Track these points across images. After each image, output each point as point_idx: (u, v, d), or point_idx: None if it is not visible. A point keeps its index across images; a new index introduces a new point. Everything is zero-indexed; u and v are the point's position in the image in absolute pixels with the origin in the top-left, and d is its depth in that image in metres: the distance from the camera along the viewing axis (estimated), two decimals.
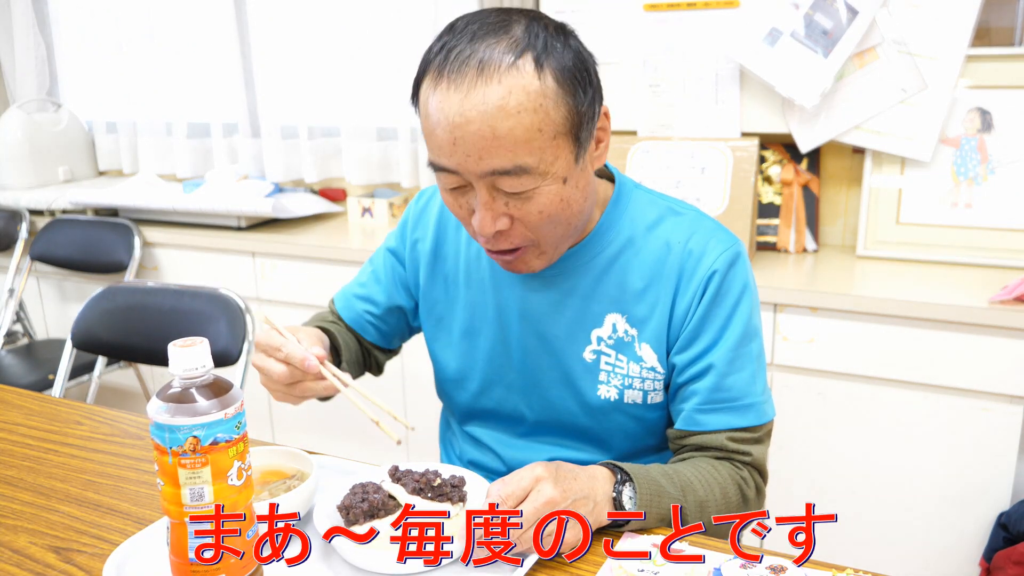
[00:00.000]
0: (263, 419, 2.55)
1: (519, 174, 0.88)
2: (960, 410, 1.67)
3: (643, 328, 1.03)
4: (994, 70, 1.84)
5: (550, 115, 0.87)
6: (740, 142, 1.99)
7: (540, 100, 0.86)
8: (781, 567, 0.81)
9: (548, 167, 0.89)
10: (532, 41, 0.87)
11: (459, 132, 0.86)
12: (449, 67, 0.87)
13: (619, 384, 1.05)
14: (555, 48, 0.88)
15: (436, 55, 0.89)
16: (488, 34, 0.87)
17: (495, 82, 0.85)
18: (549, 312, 1.06)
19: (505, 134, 0.86)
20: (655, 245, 1.03)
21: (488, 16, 0.90)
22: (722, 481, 0.99)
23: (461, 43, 0.87)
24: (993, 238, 1.86)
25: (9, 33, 3.17)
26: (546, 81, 0.86)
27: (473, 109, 0.85)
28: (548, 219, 0.93)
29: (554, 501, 0.83)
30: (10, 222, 2.79)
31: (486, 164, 0.87)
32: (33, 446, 1.17)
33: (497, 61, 0.85)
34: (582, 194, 0.95)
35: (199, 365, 0.73)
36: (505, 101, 0.85)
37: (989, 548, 1.68)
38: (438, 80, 0.88)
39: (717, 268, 1.00)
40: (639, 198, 1.06)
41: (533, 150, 0.87)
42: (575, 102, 0.89)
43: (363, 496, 0.88)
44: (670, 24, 2.07)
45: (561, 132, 0.89)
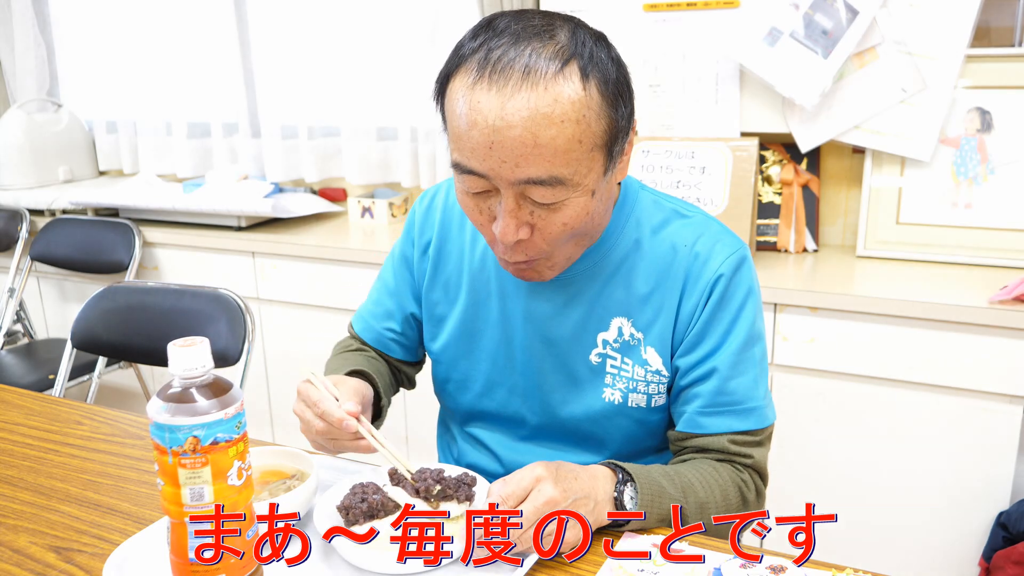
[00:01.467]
0: (263, 419, 2.55)
1: (553, 184, 0.86)
2: (960, 410, 1.67)
3: (649, 331, 1.02)
4: (994, 70, 1.84)
5: (591, 127, 0.85)
6: (740, 142, 1.99)
7: (584, 111, 0.84)
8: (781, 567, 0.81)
9: (581, 179, 0.87)
10: (579, 49, 0.85)
11: (498, 136, 0.83)
12: (492, 67, 0.83)
13: (624, 388, 1.04)
14: (600, 58, 0.86)
15: (474, 53, 0.85)
16: (533, 37, 0.84)
17: (541, 88, 0.82)
18: (555, 315, 1.05)
19: (547, 143, 0.83)
20: (661, 248, 1.02)
21: (531, 18, 0.87)
22: (723, 483, 0.99)
23: (503, 43, 0.84)
24: (993, 238, 1.86)
25: (9, 33, 3.17)
26: (591, 92, 0.84)
27: (516, 114, 0.82)
28: (570, 231, 0.91)
29: (554, 501, 0.83)
30: (10, 222, 2.79)
31: (522, 172, 0.85)
32: (33, 446, 1.17)
33: (544, 67, 0.83)
34: (604, 207, 0.95)
35: (199, 365, 0.73)
36: (551, 109, 0.82)
37: (989, 548, 1.68)
38: (478, 79, 0.84)
39: (723, 272, 1.00)
40: (645, 200, 1.05)
41: (570, 161, 0.85)
42: (616, 115, 0.87)
43: (363, 496, 0.89)
44: (670, 24, 2.07)
45: (598, 145, 0.87)
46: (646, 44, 2.11)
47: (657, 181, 2.04)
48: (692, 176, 2.02)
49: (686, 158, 2.03)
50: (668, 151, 2.06)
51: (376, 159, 2.62)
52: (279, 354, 2.47)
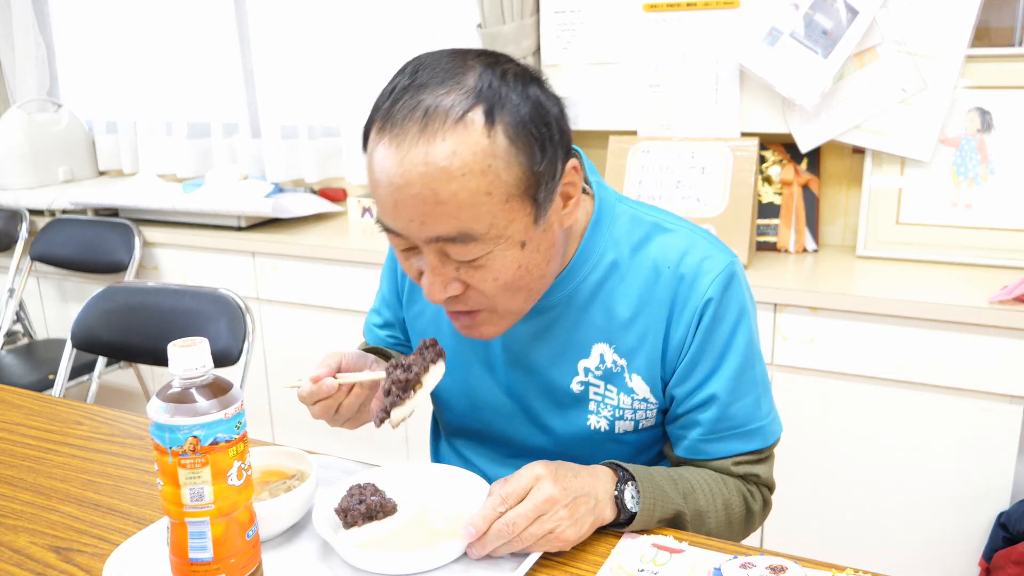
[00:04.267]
0: (263, 419, 2.55)
1: (466, 241, 0.80)
2: (960, 410, 1.67)
3: (633, 358, 0.97)
4: (994, 70, 1.84)
5: (500, 177, 0.78)
6: (740, 142, 1.99)
7: (489, 160, 0.77)
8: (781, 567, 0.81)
9: (501, 232, 0.81)
10: (484, 92, 0.78)
11: (400, 195, 0.78)
12: (392, 118, 0.79)
13: (609, 415, 1.00)
14: (510, 99, 0.79)
15: (384, 102, 0.81)
16: (438, 82, 0.79)
17: (439, 139, 0.76)
18: (533, 343, 0.99)
19: (448, 198, 0.77)
20: (642, 268, 0.96)
21: (442, 60, 0.81)
22: (726, 494, 0.98)
23: (409, 90, 0.79)
24: (993, 238, 1.86)
25: (9, 33, 3.17)
26: (496, 139, 0.78)
27: (413, 170, 0.77)
28: (505, 287, 0.85)
29: (554, 499, 0.83)
30: (10, 222, 2.79)
31: (429, 230, 0.80)
32: (33, 446, 1.17)
33: (443, 114, 0.77)
34: (544, 257, 0.87)
35: (199, 365, 0.73)
36: (449, 162, 0.76)
37: (989, 548, 1.67)
38: (381, 132, 0.80)
39: (712, 296, 0.94)
40: (622, 215, 0.98)
41: (481, 215, 0.79)
42: (529, 162, 0.80)
43: (360, 498, 0.88)
44: (670, 24, 2.07)
45: (514, 194, 0.80)
46: (646, 44, 2.11)
47: (657, 181, 2.04)
48: (692, 176, 2.01)
49: (686, 158, 2.03)
50: (668, 151, 2.06)
51: None
52: (279, 354, 2.47)
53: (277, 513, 0.89)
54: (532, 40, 2.22)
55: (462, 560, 0.85)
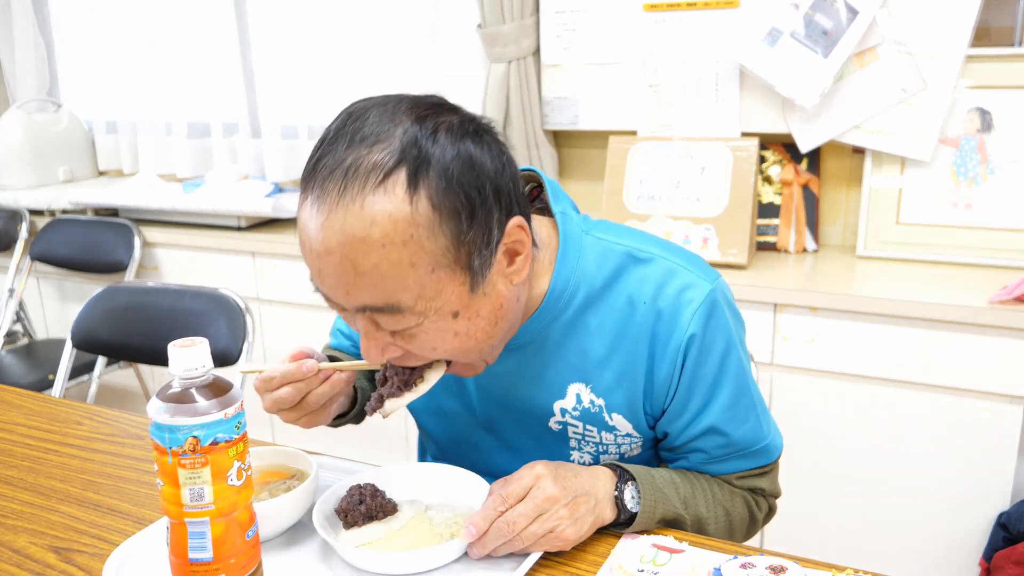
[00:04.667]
0: (263, 419, 2.55)
1: (393, 312, 0.76)
2: (960, 410, 1.67)
3: (611, 397, 0.93)
4: (994, 70, 1.84)
5: (424, 247, 0.73)
6: (740, 142, 1.99)
7: (411, 230, 0.72)
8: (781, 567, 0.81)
9: (429, 303, 0.76)
10: (409, 152, 0.72)
11: (322, 263, 0.74)
12: (316, 176, 0.73)
13: (592, 451, 0.98)
14: (439, 161, 0.73)
15: (315, 151, 0.76)
16: (364, 137, 0.73)
17: (357, 207, 0.71)
18: (507, 383, 0.96)
19: (370, 270, 0.73)
20: (616, 303, 0.91)
21: (373, 110, 0.75)
22: (729, 500, 0.98)
23: (335, 145, 0.73)
24: (993, 238, 1.86)
25: (9, 33, 3.17)
26: (419, 206, 0.72)
27: (332, 238, 0.72)
28: (445, 354, 0.81)
29: (554, 498, 0.83)
30: (10, 222, 2.79)
31: (354, 300, 0.76)
32: (33, 446, 1.17)
33: (363, 177, 0.71)
34: (489, 319, 0.81)
35: (199, 365, 0.73)
36: (367, 232, 0.71)
37: (989, 548, 1.67)
38: (304, 192, 0.75)
39: (694, 331, 0.89)
40: (591, 247, 0.92)
41: (407, 286, 0.74)
42: (456, 231, 0.74)
43: (360, 499, 0.88)
44: (670, 24, 2.07)
45: (442, 264, 0.74)
46: (646, 44, 2.11)
47: (657, 181, 2.04)
48: (692, 176, 2.01)
49: (686, 158, 2.03)
50: (668, 151, 2.06)
51: None
52: (279, 354, 2.46)
53: (277, 513, 0.89)
54: (532, 40, 2.22)
55: (462, 560, 0.85)
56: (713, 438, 0.95)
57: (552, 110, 2.27)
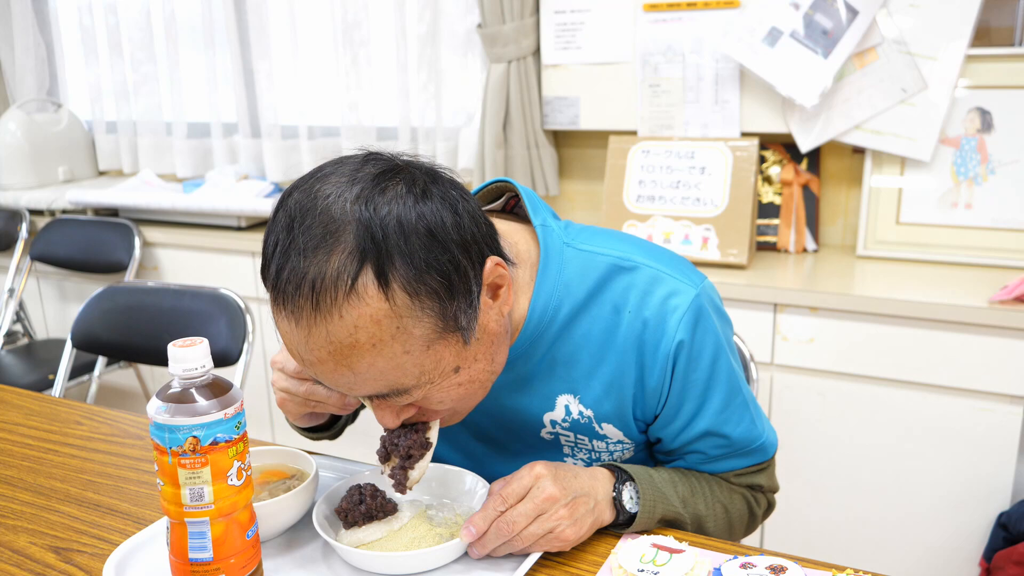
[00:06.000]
0: (263, 419, 2.55)
1: (399, 394, 0.78)
2: (960, 410, 1.67)
3: (600, 407, 0.94)
4: (994, 70, 1.84)
5: (413, 334, 0.73)
6: (740, 142, 1.99)
7: (395, 323, 0.72)
8: (781, 567, 0.81)
9: (431, 374, 0.77)
10: (367, 247, 0.70)
11: (316, 369, 0.75)
12: (282, 293, 0.72)
13: (586, 458, 0.99)
14: (398, 246, 0.70)
15: (269, 258, 0.74)
16: (316, 243, 0.70)
17: (336, 317, 0.70)
18: (496, 397, 0.95)
19: (366, 369, 0.74)
20: (601, 313, 0.91)
21: (316, 205, 0.72)
22: (728, 497, 0.98)
23: (290, 254, 0.71)
24: (993, 238, 1.86)
25: (9, 33, 3.17)
26: (395, 299, 0.71)
27: (321, 350, 0.72)
28: (453, 403, 0.83)
29: (554, 498, 0.83)
30: (10, 222, 2.79)
31: (359, 391, 0.77)
32: (33, 446, 1.17)
33: (331, 289, 0.70)
34: (487, 357, 0.82)
35: (199, 365, 0.73)
36: (354, 338, 0.71)
37: (989, 548, 1.67)
38: (276, 304, 0.74)
39: (682, 338, 0.89)
40: (573, 259, 0.91)
41: (406, 371, 0.75)
42: (440, 307, 0.74)
43: (360, 499, 0.88)
44: (670, 24, 2.07)
45: (434, 339, 0.75)
46: (646, 44, 2.11)
47: (657, 181, 2.04)
48: (692, 176, 2.01)
49: (686, 158, 2.03)
50: (668, 151, 2.06)
51: None
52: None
53: (277, 513, 0.89)
54: (532, 40, 2.22)
55: (462, 560, 0.85)
56: (711, 440, 0.95)
57: (552, 110, 2.27)
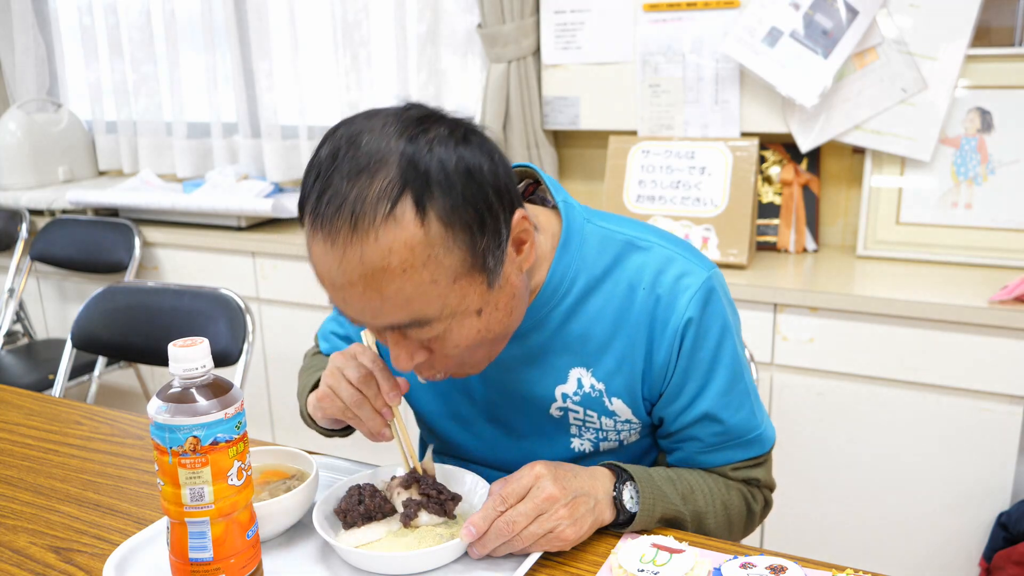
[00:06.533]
0: (263, 419, 2.55)
1: (422, 325, 0.79)
2: (960, 410, 1.67)
3: (611, 382, 0.96)
4: (994, 70, 1.84)
5: (443, 263, 0.76)
6: (740, 142, 1.99)
7: (428, 251, 0.75)
8: (781, 567, 0.81)
9: (454, 310, 0.80)
10: (409, 178, 0.74)
11: (344, 293, 0.77)
12: (321, 215, 0.75)
13: (593, 438, 1.00)
14: (439, 179, 0.74)
15: (311, 191, 0.77)
16: (360, 170, 0.74)
17: (372, 239, 0.73)
18: (509, 370, 0.98)
19: (394, 294, 0.76)
20: (616, 289, 0.94)
21: (361, 138, 0.76)
22: (726, 494, 0.98)
23: (333, 178, 0.75)
24: (993, 238, 1.86)
25: (9, 33, 3.17)
26: (431, 228, 0.74)
27: (353, 272, 0.75)
28: (468, 349, 0.85)
29: (554, 498, 0.83)
30: (10, 222, 2.79)
31: (382, 321, 0.79)
32: (33, 446, 1.17)
33: (371, 211, 0.73)
34: (505, 310, 0.85)
35: (199, 365, 0.73)
36: (387, 261, 0.74)
37: (989, 548, 1.67)
38: (313, 228, 0.76)
39: (692, 315, 0.92)
40: (592, 234, 0.95)
41: (430, 302, 0.77)
42: (470, 241, 0.77)
43: (360, 499, 0.88)
44: (670, 24, 2.07)
45: (461, 274, 0.78)
46: (646, 44, 2.11)
47: (657, 181, 2.04)
48: (692, 176, 2.01)
49: (686, 158, 2.03)
50: (668, 151, 2.06)
51: None
52: (279, 354, 2.46)
53: (277, 513, 0.89)
54: (532, 40, 2.22)
55: (462, 560, 0.85)
56: (708, 425, 0.96)
57: (552, 110, 2.27)
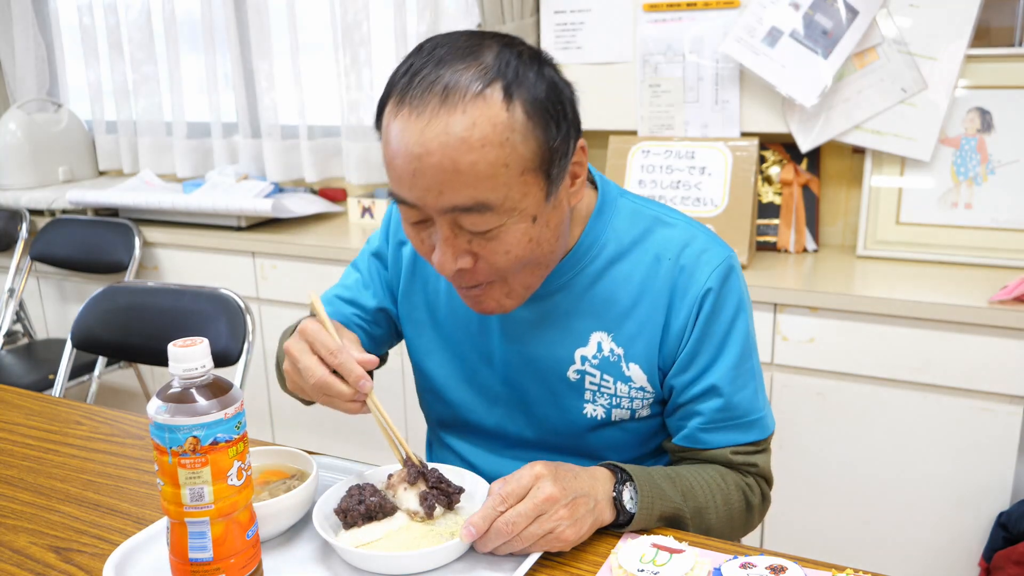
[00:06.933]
0: (263, 419, 2.55)
1: (482, 211, 0.82)
2: (960, 410, 1.67)
3: (630, 347, 0.99)
4: (994, 70, 1.84)
5: (517, 149, 0.81)
6: (740, 142, 1.99)
7: (507, 133, 0.80)
8: (781, 567, 0.81)
9: (515, 204, 0.83)
10: (503, 69, 0.81)
11: (418, 164, 0.80)
12: (412, 92, 0.81)
13: (606, 404, 1.02)
14: (527, 78, 0.82)
15: (401, 78, 0.83)
16: (456, 59, 0.81)
17: (459, 111, 0.79)
18: (531, 330, 1.01)
19: (467, 168, 0.79)
20: (643, 259, 0.98)
21: (459, 39, 0.84)
22: (725, 488, 0.99)
23: (427, 66, 0.81)
24: (993, 238, 1.86)
25: (9, 33, 3.17)
26: (515, 113, 0.80)
27: (434, 140, 0.79)
28: (515, 260, 0.87)
29: (554, 498, 0.83)
30: (10, 222, 2.79)
31: (446, 200, 0.82)
32: (33, 446, 1.17)
33: (463, 88, 0.79)
34: (554, 233, 0.90)
35: (199, 365, 0.73)
36: (469, 133, 0.79)
37: (989, 548, 1.68)
38: (399, 105, 0.82)
39: (711, 286, 0.96)
40: (624, 208, 1.01)
41: (497, 186, 0.81)
42: (546, 137, 0.83)
43: (360, 499, 0.88)
44: (670, 24, 2.07)
45: (529, 168, 0.82)
46: (646, 44, 2.11)
47: (657, 181, 2.04)
48: (692, 176, 2.01)
49: (686, 158, 2.03)
50: (668, 151, 2.06)
51: (376, 159, 2.61)
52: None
53: (277, 513, 0.89)
54: (532, 40, 2.22)
55: (462, 560, 0.85)
56: (712, 400, 0.98)
57: None
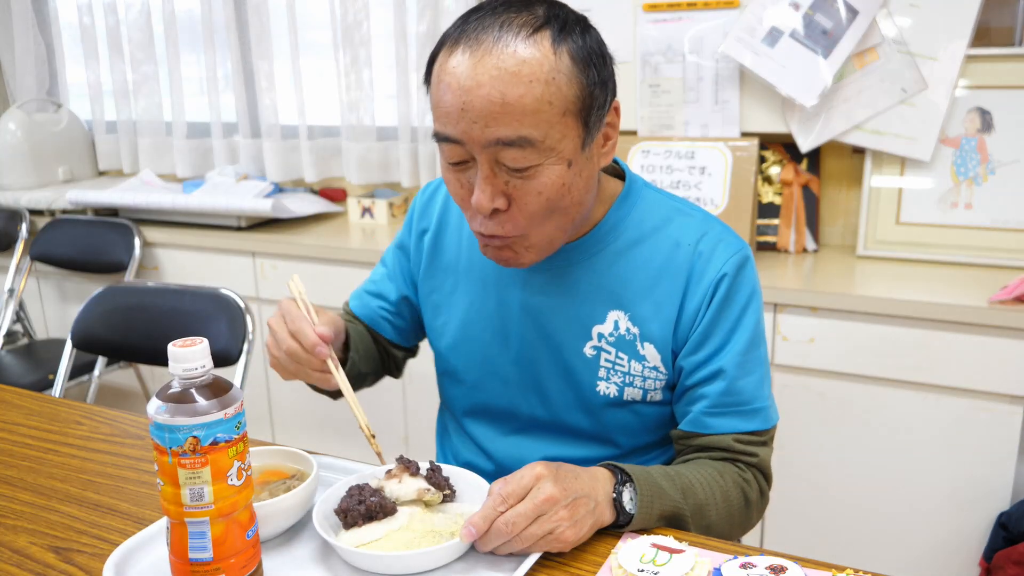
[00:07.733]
0: (263, 419, 2.55)
1: (523, 146, 0.87)
2: (960, 410, 1.67)
3: (646, 327, 1.02)
4: (994, 70, 1.84)
5: (562, 90, 0.87)
6: (740, 142, 1.99)
7: (553, 73, 0.86)
8: (781, 567, 0.81)
9: (554, 144, 0.88)
10: (552, 21, 0.88)
11: (468, 96, 0.86)
12: (468, 33, 0.88)
13: (619, 381, 1.04)
14: (574, 30, 0.89)
15: (457, 28, 0.90)
16: (510, 9, 0.89)
17: (511, 50, 0.85)
18: (551, 307, 1.05)
19: (514, 101, 0.85)
20: (664, 244, 1.02)
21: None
22: (724, 485, 0.99)
23: (481, 17, 0.89)
24: (993, 238, 1.86)
25: (9, 33, 3.17)
26: (562, 57, 0.87)
27: (485, 73, 0.85)
28: (547, 203, 0.91)
29: (554, 499, 0.83)
30: (10, 222, 2.79)
31: (492, 132, 0.87)
32: (33, 446, 1.17)
33: (516, 30, 0.86)
34: (584, 185, 0.94)
35: (199, 365, 0.73)
36: (519, 68, 0.85)
37: (989, 548, 1.68)
38: (454, 47, 0.88)
39: (727, 271, 1.00)
40: (648, 197, 1.06)
41: (540, 123, 0.87)
42: (588, 81, 0.89)
43: (360, 499, 0.88)
44: (670, 24, 2.07)
45: (571, 110, 0.88)
46: (646, 44, 2.11)
47: (657, 181, 2.04)
48: (692, 176, 2.01)
49: (686, 158, 2.03)
50: (668, 151, 2.06)
51: (376, 159, 2.62)
52: None
53: (277, 513, 0.89)
54: None
55: (462, 560, 0.85)
56: (718, 382, 1.00)
57: None
